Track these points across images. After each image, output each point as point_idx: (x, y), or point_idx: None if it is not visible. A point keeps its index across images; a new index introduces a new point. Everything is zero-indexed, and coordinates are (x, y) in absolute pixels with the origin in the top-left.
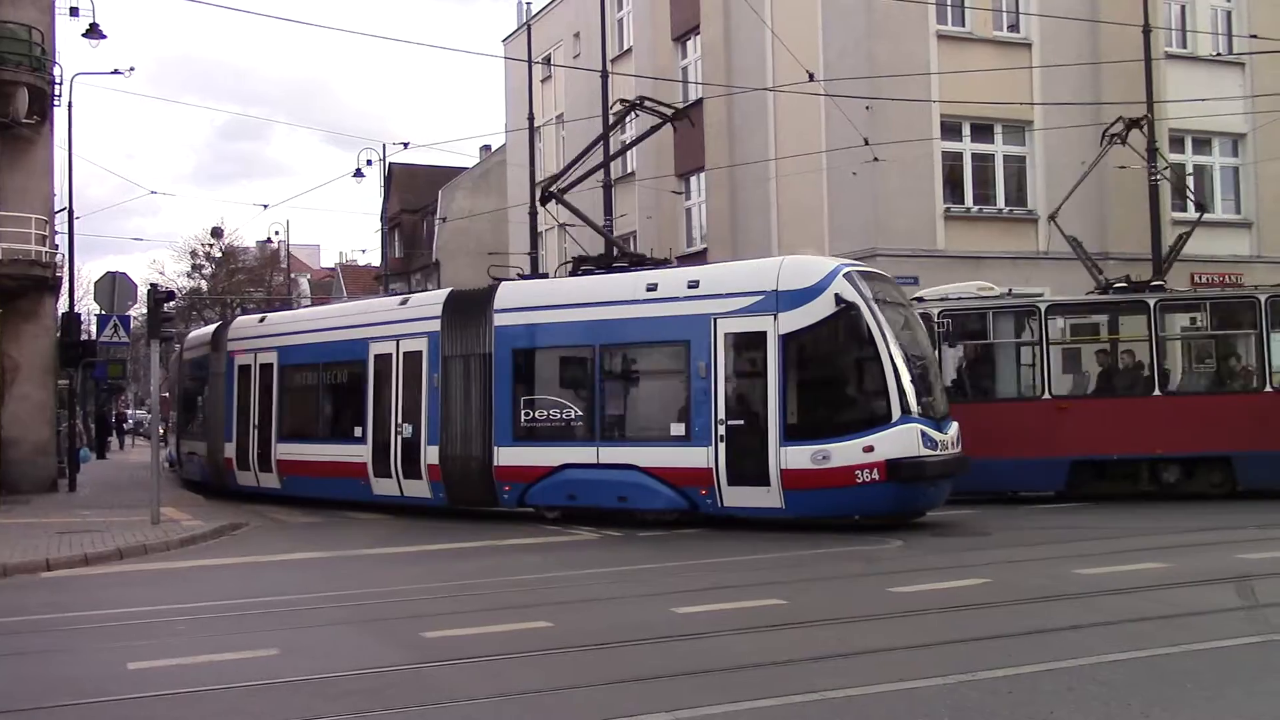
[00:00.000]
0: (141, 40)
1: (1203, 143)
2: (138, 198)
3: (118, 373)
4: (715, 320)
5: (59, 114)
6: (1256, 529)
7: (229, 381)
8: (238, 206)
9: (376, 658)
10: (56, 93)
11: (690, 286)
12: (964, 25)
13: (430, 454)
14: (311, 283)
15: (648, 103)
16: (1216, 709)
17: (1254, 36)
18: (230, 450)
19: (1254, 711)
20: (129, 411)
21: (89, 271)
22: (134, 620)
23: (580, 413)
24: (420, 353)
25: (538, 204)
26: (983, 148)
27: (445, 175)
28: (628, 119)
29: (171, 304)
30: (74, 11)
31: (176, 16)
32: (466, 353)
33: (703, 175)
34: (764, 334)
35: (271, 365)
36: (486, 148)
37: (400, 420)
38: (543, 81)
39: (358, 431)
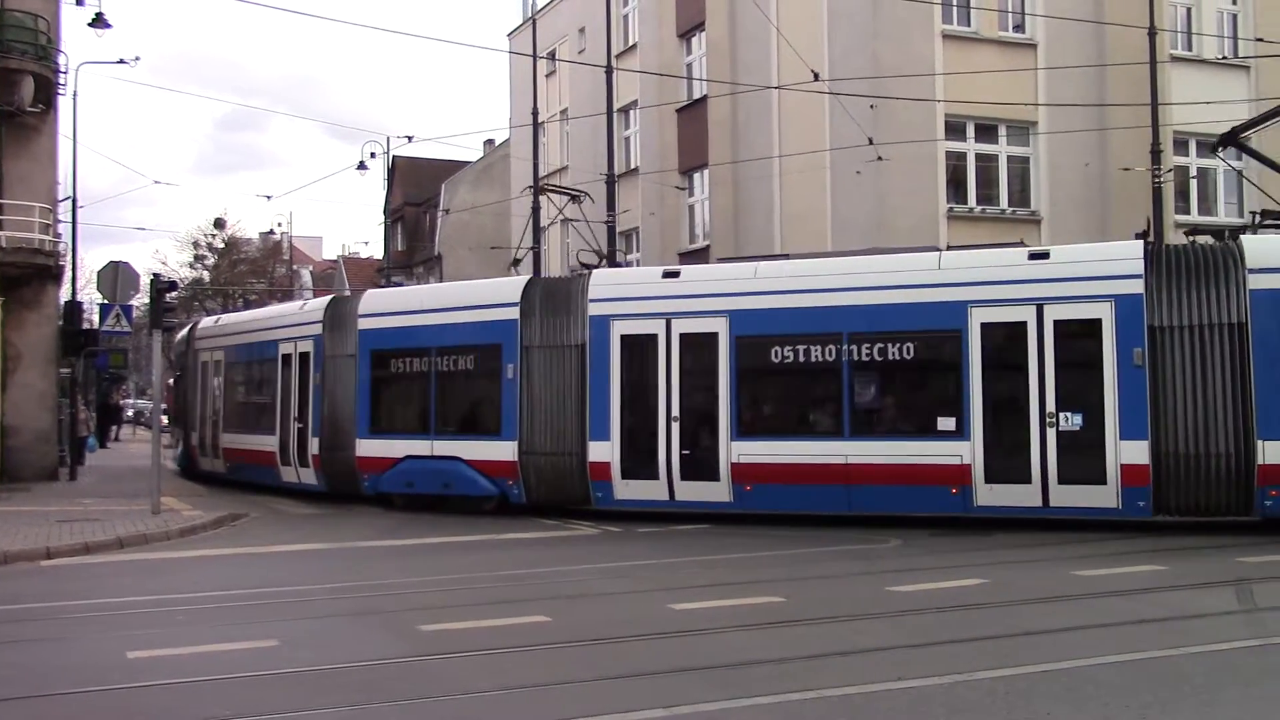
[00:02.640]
0: (140, 31)
1: (1206, 145)
2: (140, 188)
3: (119, 362)
4: None
5: (63, 103)
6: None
7: (601, 360)
8: (240, 197)
9: (376, 650)
10: (61, 81)
11: None
12: (969, 25)
13: (1127, 451)
14: (314, 274)
15: None
16: (1213, 712)
17: (1260, 40)
18: (606, 452)
19: (1251, 715)
20: (130, 401)
21: (91, 260)
22: (134, 610)
23: None
24: (1097, 321)
25: (1215, 150)
26: (987, 148)
27: (449, 169)
28: None
29: (173, 294)
30: (79, 0)
31: (175, 6)
32: (1195, 323)
33: (706, 172)
34: None
35: (713, 337)
36: (490, 141)
37: (1054, 408)
38: (547, 76)
39: (946, 424)
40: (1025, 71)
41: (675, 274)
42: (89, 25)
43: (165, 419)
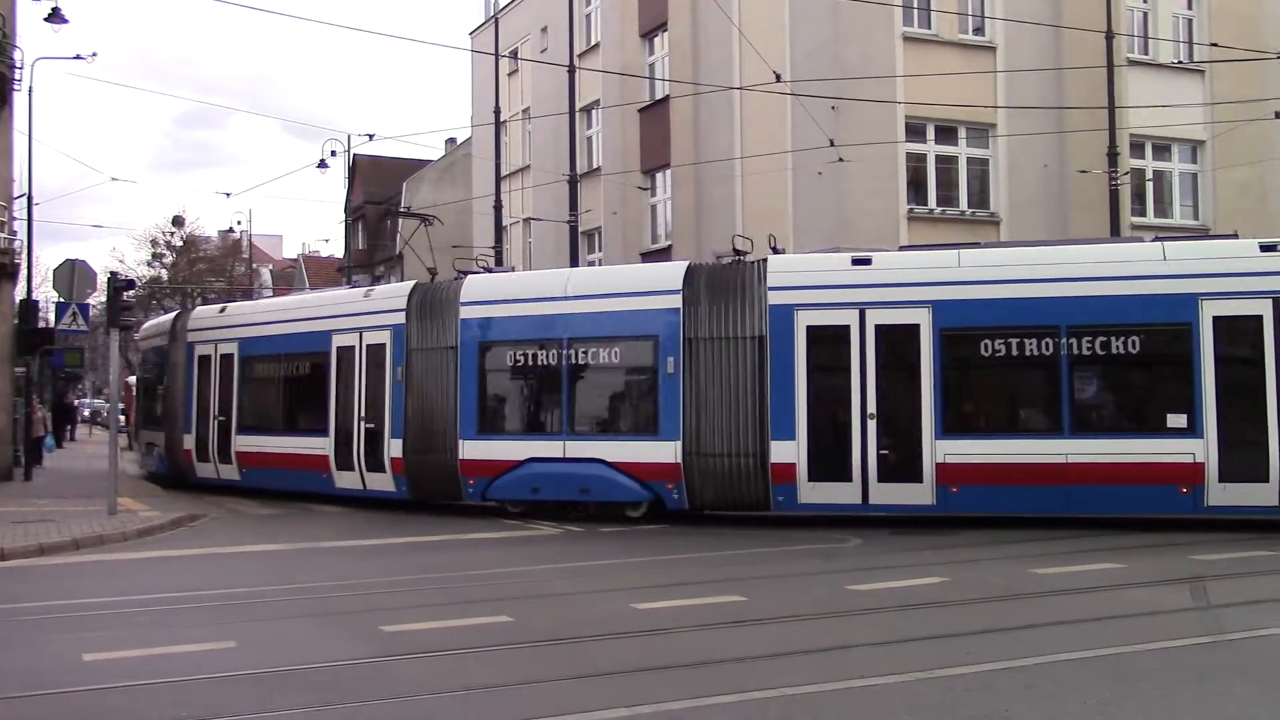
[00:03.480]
0: (97, 27)
1: (1162, 149)
2: (97, 185)
3: (75, 361)
4: None
5: (19, 98)
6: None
7: (784, 353)
8: (198, 195)
9: (336, 651)
10: (17, 77)
11: None
12: (930, 28)
13: None
14: (274, 273)
15: None
16: (1168, 707)
17: (1214, 45)
18: (790, 453)
19: (1205, 710)
20: (85, 400)
21: (47, 258)
22: (90, 611)
23: None
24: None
25: None
26: (946, 149)
27: (410, 167)
28: None
29: (131, 293)
30: None
31: (133, 3)
32: None
33: (669, 172)
34: None
35: (914, 329)
36: (452, 140)
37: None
38: (509, 75)
39: (1176, 421)
40: (985, 74)
41: (866, 261)
42: (45, 20)
43: (123, 419)
